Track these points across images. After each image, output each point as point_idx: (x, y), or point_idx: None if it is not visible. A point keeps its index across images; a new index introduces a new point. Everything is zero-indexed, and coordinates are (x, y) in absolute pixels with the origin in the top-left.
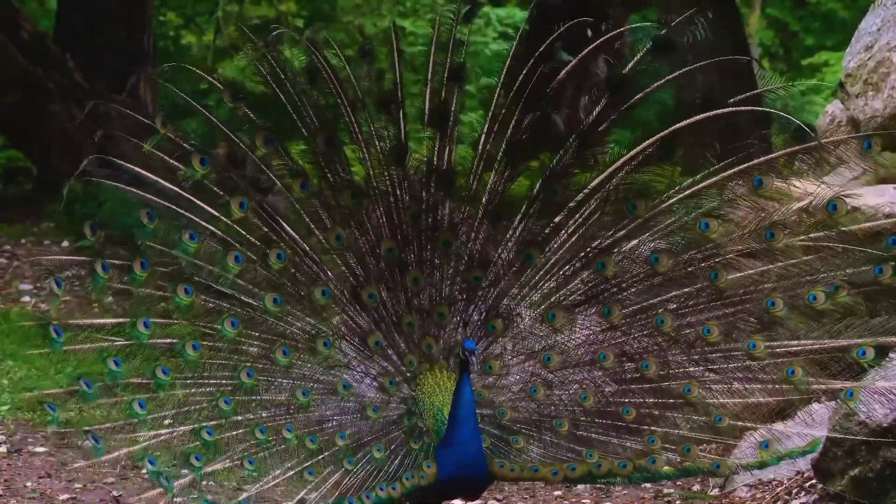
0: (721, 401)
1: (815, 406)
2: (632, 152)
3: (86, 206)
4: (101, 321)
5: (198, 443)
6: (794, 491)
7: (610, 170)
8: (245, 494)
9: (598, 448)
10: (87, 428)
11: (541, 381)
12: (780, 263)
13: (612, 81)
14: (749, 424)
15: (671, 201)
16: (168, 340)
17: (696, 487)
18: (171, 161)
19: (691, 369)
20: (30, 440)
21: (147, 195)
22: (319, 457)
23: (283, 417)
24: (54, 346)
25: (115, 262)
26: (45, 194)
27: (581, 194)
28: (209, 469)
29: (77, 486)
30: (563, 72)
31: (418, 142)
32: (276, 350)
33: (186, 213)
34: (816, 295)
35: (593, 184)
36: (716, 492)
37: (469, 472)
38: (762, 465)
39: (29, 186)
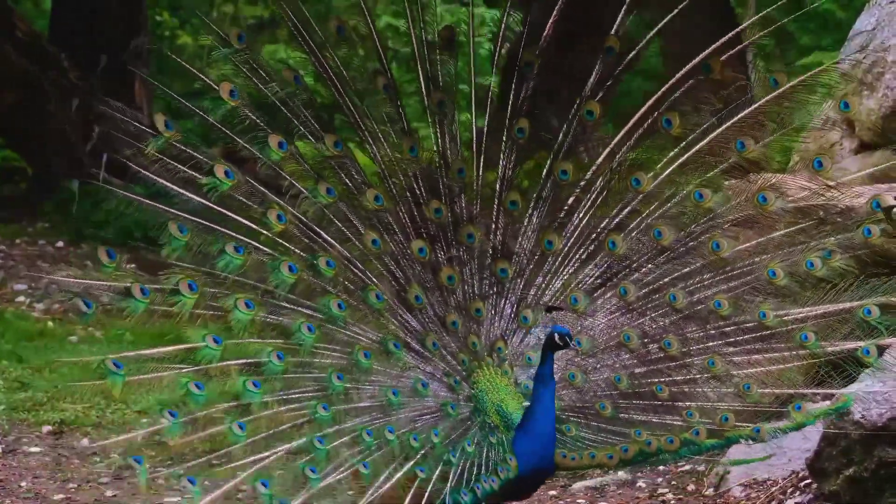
0: (745, 371)
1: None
2: (632, 120)
3: (82, 205)
4: (164, 350)
5: (311, 455)
6: (788, 490)
7: (614, 142)
8: (366, 498)
9: (643, 426)
10: (180, 471)
11: (577, 368)
12: (778, 233)
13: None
14: (777, 391)
15: (669, 170)
16: (242, 361)
17: (691, 487)
18: (188, 171)
19: (710, 344)
20: (24, 440)
21: (170, 209)
22: (422, 453)
23: (382, 419)
24: (115, 378)
25: (157, 286)
26: (40, 194)
27: (590, 172)
28: (326, 482)
29: (71, 486)
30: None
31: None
32: (357, 354)
33: (218, 227)
34: (813, 261)
35: (599, 160)
36: (710, 491)
37: (546, 464)
38: (799, 427)
39: (24, 186)
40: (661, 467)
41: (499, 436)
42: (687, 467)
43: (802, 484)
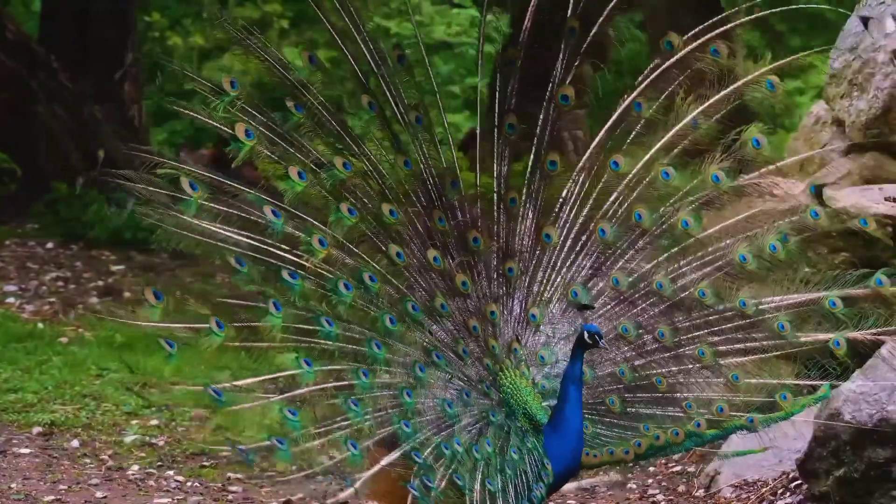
0: (732, 360)
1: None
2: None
3: (71, 207)
4: (259, 379)
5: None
6: (779, 491)
7: (600, 135)
8: None
9: (650, 420)
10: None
11: (585, 364)
12: (738, 217)
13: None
14: (764, 381)
15: (650, 153)
16: (334, 384)
17: (682, 488)
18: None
19: (698, 333)
20: (14, 441)
21: (227, 245)
22: (484, 463)
23: (447, 431)
24: (218, 404)
25: (239, 325)
26: (29, 195)
27: (583, 159)
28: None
29: (62, 487)
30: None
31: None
32: (414, 368)
33: (269, 259)
34: (775, 245)
35: (586, 155)
36: (701, 492)
37: (577, 463)
38: (788, 415)
39: (13, 187)
40: (651, 468)
41: (532, 440)
42: (678, 468)
43: (793, 485)
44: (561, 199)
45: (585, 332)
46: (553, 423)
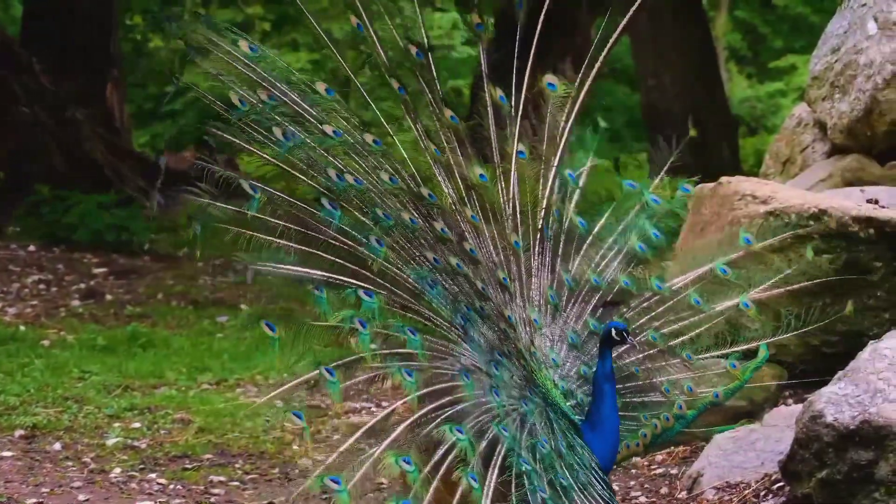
0: (678, 340)
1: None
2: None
3: (53, 209)
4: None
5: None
6: (761, 493)
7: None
8: None
9: (645, 409)
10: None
11: (581, 363)
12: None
13: None
14: (711, 354)
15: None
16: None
17: (664, 490)
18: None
19: (642, 321)
20: None
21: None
22: (560, 464)
23: (532, 432)
24: (331, 386)
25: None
26: (12, 198)
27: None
28: None
29: (44, 490)
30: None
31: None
32: (490, 369)
33: (349, 280)
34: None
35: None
36: (683, 495)
37: (615, 460)
38: (742, 384)
39: None
40: (633, 471)
41: (578, 439)
42: (660, 470)
43: (775, 487)
44: (519, 205)
45: (613, 330)
46: (592, 422)
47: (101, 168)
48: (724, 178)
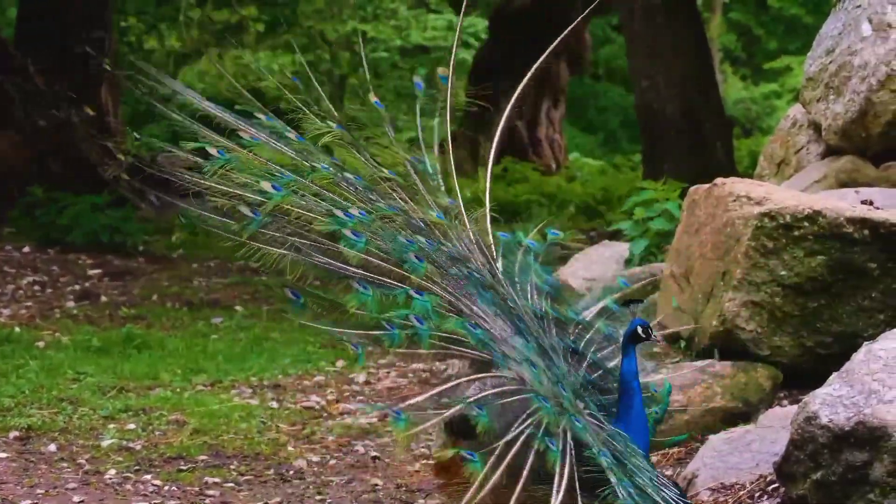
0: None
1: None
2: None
3: (48, 211)
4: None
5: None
6: (756, 495)
7: None
8: None
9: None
10: None
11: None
12: None
13: None
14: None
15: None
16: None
17: None
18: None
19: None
20: None
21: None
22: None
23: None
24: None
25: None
26: (6, 200)
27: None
28: None
29: (39, 491)
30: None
31: None
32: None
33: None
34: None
35: None
36: None
37: (649, 452)
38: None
39: None
40: None
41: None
42: None
43: (770, 488)
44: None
45: (639, 327)
46: (623, 420)
47: (96, 169)
48: (718, 180)
